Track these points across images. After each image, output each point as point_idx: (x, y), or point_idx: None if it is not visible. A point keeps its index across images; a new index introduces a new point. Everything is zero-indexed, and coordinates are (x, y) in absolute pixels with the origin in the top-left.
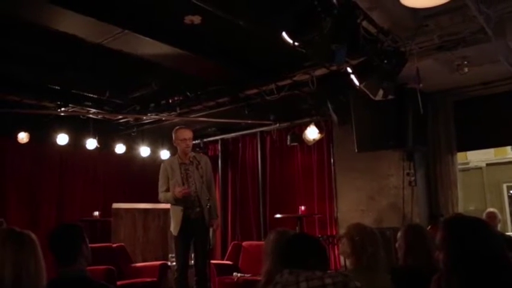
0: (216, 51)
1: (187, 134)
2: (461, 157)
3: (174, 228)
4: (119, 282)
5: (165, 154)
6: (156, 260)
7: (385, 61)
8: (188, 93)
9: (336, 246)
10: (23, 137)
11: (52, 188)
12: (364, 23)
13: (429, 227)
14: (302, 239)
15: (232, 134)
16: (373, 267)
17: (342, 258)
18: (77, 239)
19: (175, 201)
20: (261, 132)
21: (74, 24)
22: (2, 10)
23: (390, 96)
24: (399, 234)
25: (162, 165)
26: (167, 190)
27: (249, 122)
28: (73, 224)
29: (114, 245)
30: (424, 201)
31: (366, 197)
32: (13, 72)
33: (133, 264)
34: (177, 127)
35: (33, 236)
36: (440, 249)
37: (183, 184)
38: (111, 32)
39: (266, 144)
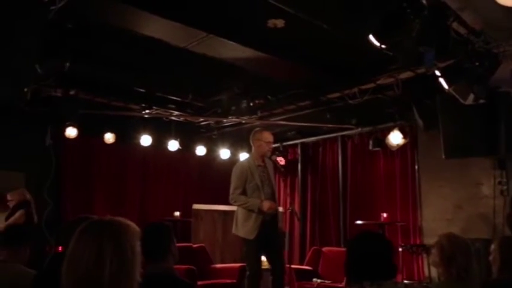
0: (298, 55)
1: (271, 137)
2: None
3: (248, 231)
4: (199, 282)
5: (244, 157)
6: (235, 262)
7: (477, 63)
8: (269, 97)
9: (419, 256)
10: (109, 137)
11: (135, 188)
12: (454, 24)
13: None
14: (363, 247)
15: (313, 138)
16: (464, 278)
17: (425, 269)
18: (166, 237)
19: (258, 212)
20: (342, 136)
21: (160, 29)
22: (91, 17)
23: (481, 101)
24: (493, 246)
25: (238, 166)
26: (242, 193)
27: (330, 126)
28: (163, 223)
29: (195, 246)
30: None
31: (452, 206)
32: (102, 76)
33: (213, 265)
34: (260, 129)
35: (133, 226)
36: None
37: (263, 186)
38: (195, 36)
39: (347, 148)
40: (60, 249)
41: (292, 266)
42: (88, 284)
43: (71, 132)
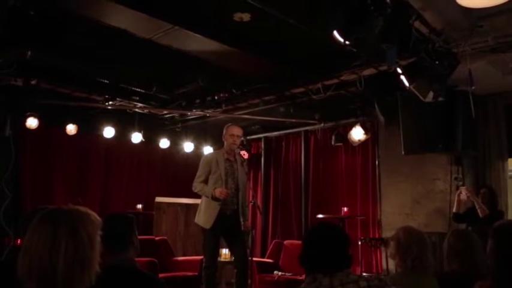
0: (264, 49)
1: (236, 130)
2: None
3: (206, 221)
4: (161, 275)
5: (208, 150)
6: (196, 255)
7: (437, 62)
8: (234, 90)
9: (378, 249)
10: (71, 128)
11: (97, 181)
12: (416, 23)
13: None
14: (316, 239)
15: (276, 133)
16: (419, 270)
17: (383, 262)
18: (129, 228)
19: (212, 199)
20: (305, 131)
21: (125, 19)
22: (55, 4)
23: (440, 98)
24: (446, 239)
25: (205, 156)
26: (204, 181)
27: (294, 120)
28: (125, 214)
29: (157, 238)
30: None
31: (411, 201)
32: (65, 65)
33: (174, 258)
34: (231, 123)
35: (94, 215)
36: (489, 257)
37: (226, 179)
38: (161, 28)
39: (310, 143)
40: (18, 242)
41: (254, 259)
42: (43, 273)
43: (32, 122)
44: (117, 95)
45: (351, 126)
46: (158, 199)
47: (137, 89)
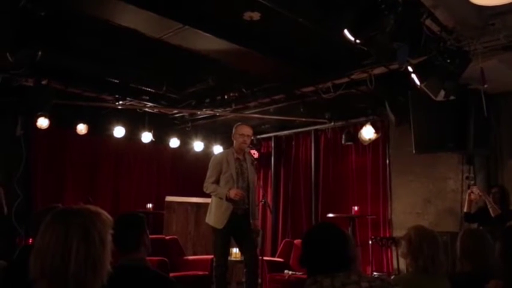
0: (274, 48)
1: (246, 130)
2: None
3: (217, 221)
4: (171, 274)
5: (218, 149)
6: (207, 254)
7: (448, 60)
8: (244, 90)
9: (389, 249)
10: (81, 128)
11: (108, 180)
12: (427, 22)
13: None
14: (315, 240)
15: (286, 132)
16: (430, 270)
17: (394, 262)
18: (140, 228)
19: (227, 200)
20: (315, 130)
21: (135, 19)
22: (65, 5)
23: (452, 97)
24: (458, 239)
25: (215, 157)
26: (215, 182)
27: (304, 119)
28: (136, 213)
29: (167, 237)
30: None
31: (421, 200)
32: (75, 66)
33: (185, 257)
34: (240, 123)
35: (105, 214)
36: (499, 258)
37: (237, 179)
38: (171, 28)
39: (320, 142)
40: (30, 241)
41: (264, 258)
42: (55, 273)
43: (43, 122)
44: (127, 94)
45: (362, 125)
46: (168, 198)
47: (147, 89)
